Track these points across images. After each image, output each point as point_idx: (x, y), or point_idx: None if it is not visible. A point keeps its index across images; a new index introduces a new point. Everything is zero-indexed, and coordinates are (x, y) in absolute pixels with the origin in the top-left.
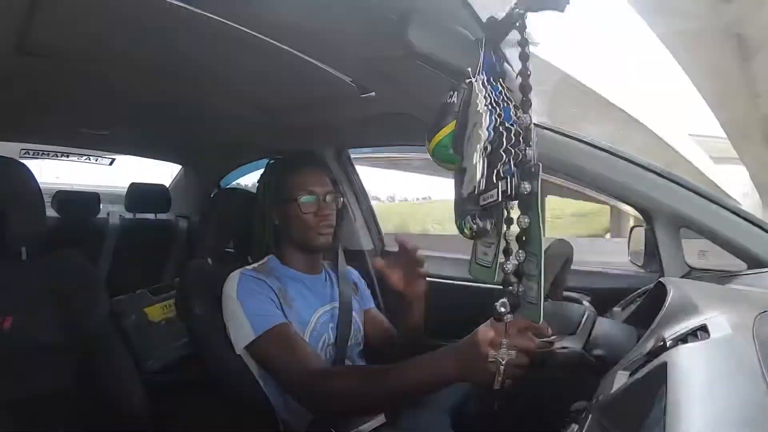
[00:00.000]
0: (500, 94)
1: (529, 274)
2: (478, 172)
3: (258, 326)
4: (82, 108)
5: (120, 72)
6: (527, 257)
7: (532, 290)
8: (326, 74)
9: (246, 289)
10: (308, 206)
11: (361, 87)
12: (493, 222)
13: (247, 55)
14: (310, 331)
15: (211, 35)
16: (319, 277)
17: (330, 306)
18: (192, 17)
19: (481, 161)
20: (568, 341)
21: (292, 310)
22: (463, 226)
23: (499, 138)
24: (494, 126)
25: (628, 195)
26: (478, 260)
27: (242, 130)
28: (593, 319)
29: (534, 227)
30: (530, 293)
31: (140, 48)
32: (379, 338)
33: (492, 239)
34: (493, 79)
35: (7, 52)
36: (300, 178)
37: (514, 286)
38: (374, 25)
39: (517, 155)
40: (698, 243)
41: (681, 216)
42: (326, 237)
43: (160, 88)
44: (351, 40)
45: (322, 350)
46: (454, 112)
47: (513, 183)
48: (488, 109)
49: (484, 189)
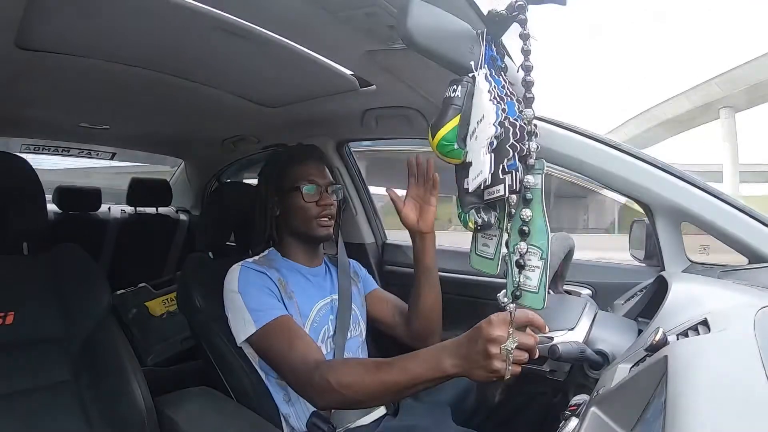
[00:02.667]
0: (503, 88)
1: (530, 265)
2: (487, 168)
3: (259, 319)
4: (82, 103)
5: (120, 66)
6: (528, 249)
7: (532, 280)
8: (327, 67)
9: (247, 282)
10: (310, 195)
11: (361, 80)
12: (497, 215)
13: (248, 48)
14: (311, 323)
15: (211, 29)
16: (320, 269)
17: (330, 298)
18: (192, 11)
19: (489, 156)
20: (569, 335)
21: (292, 302)
22: (467, 219)
23: (504, 133)
24: (500, 121)
25: (629, 189)
26: (478, 252)
27: (242, 124)
28: (594, 312)
29: (539, 219)
30: (530, 283)
31: (140, 42)
32: (388, 316)
33: (494, 231)
34: (495, 73)
35: (7, 48)
36: (302, 168)
37: (516, 277)
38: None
39: (522, 150)
40: (699, 237)
41: (682, 210)
42: (326, 229)
43: (160, 81)
44: (351, 32)
45: (322, 342)
46: (456, 107)
47: (518, 177)
48: (494, 103)
49: (490, 184)
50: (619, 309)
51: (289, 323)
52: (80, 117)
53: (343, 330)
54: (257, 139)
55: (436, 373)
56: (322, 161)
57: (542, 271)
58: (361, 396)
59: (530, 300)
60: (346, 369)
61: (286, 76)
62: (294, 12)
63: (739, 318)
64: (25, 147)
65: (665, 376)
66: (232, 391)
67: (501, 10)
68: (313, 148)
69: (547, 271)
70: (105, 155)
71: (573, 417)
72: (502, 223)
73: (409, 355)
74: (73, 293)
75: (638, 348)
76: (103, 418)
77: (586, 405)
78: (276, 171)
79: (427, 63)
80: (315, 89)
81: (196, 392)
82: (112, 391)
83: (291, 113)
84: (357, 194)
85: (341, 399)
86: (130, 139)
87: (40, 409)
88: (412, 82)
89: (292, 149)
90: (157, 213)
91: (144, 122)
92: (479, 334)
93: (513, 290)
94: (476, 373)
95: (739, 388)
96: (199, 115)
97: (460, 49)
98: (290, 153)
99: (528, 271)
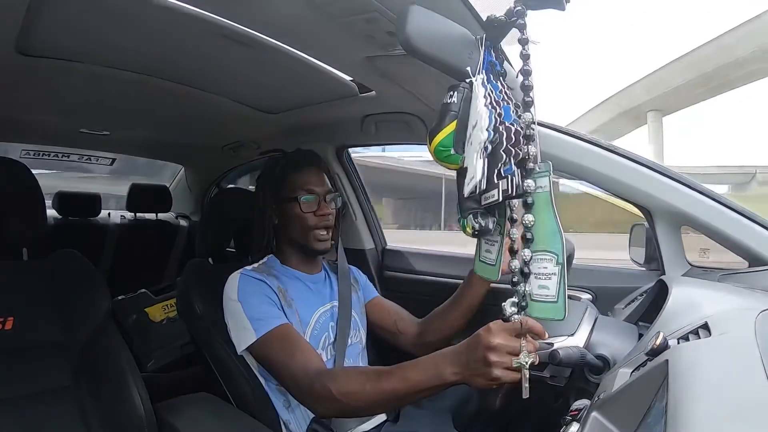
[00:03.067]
0: (500, 93)
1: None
2: (478, 172)
3: (259, 328)
4: (82, 109)
5: (120, 72)
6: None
7: (549, 289)
8: (326, 73)
9: (246, 290)
10: (308, 205)
11: (361, 86)
12: (496, 220)
13: (248, 54)
14: (311, 331)
15: (211, 35)
16: (319, 276)
17: (330, 305)
18: (192, 17)
19: (481, 161)
20: (568, 341)
21: (292, 310)
22: (465, 225)
23: (499, 137)
24: (494, 126)
25: (628, 193)
26: (482, 258)
27: (242, 130)
28: (594, 317)
29: (550, 224)
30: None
31: (140, 48)
32: (390, 325)
33: (495, 237)
34: (493, 78)
35: (8, 53)
36: (300, 176)
37: (520, 286)
38: (374, 23)
39: (518, 154)
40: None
41: (682, 214)
42: (324, 243)
43: (160, 88)
44: (350, 38)
45: (322, 349)
46: (453, 113)
47: (514, 182)
48: (488, 108)
49: (485, 189)
50: (620, 313)
51: (289, 332)
52: (80, 123)
53: (344, 337)
54: (257, 145)
55: (436, 381)
56: (320, 168)
57: (559, 277)
58: (361, 404)
59: (549, 311)
60: (347, 378)
61: (286, 82)
62: (293, 18)
63: (739, 321)
64: (24, 153)
65: (666, 381)
66: (231, 397)
67: (500, 16)
68: (312, 154)
69: (565, 277)
70: (105, 161)
71: (574, 422)
72: (503, 229)
73: (409, 363)
74: (72, 299)
75: (639, 352)
76: (102, 424)
77: (587, 410)
78: (273, 179)
79: (427, 69)
80: (315, 95)
81: (196, 398)
82: (111, 397)
83: (291, 119)
84: (357, 200)
85: (342, 408)
86: (130, 145)
87: (39, 414)
88: (411, 88)
89: (289, 156)
90: (156, 219)
91: (144, 128)
92: (478, 341)
93: (519, 300)
94: (476, 381)
95: (739, 391)
96: (200, 122)
97: (459, 55)
98: (288, 160)
99: (544, 280)
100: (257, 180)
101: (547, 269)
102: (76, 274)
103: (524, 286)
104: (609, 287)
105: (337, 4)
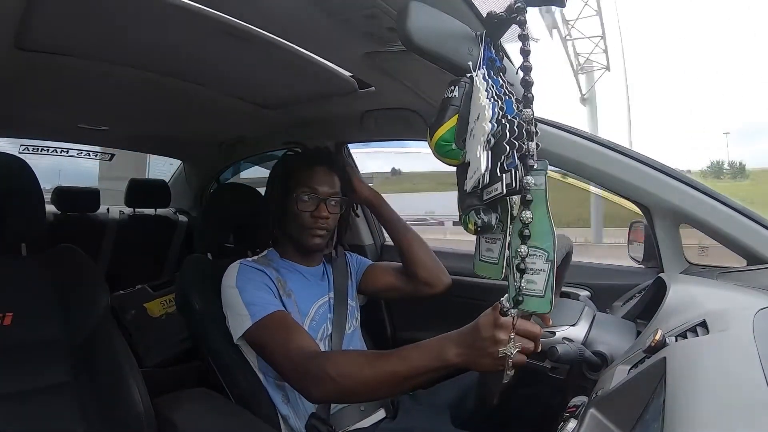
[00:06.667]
0: (501, 87)
1: (534, 269)
2: (483, 165)
3: (255, 313)
4: (81, 104)
5: (119, 68)
6: (529, 252)
7: (537, 284)
8: (326, 69)
9: (244, 278)
10: (306, 204)
11: (360, 82)
12: (498, 216)
13: (247, 50)
14: (310, 321)
15: (210, 30)
16: (318, 268)
17: (328, 296)
18: (191, 13)
19: (485, 153)
20: (571, 330)
21: (291, 301)
22: (467, 221)
23: (502, 130)
24: (497, 118)
25: (627, 191)
26: (482, 257)
27: (242, 126)
28: (593, 314)
29: (543, 222)
30: (535, 287)
31: (139, 43)
32: (395, 280)
33: (497, 235)
34: (493, 73)
35: (7, 48)
36: (306, 174)
37: (516, 281)
38: (374, 19)
39: (521, 147)
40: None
41: (680, 212)
42: (318, 239)
43: (159, 83)
44: (350, 34)
45: (321, 341)
46: (455, 107)
47: (517, 176)
48: (491, 101)
49: (488, 182)
50: (618, 310)
51: (286, 318)
52: (79, 118)
53: (341, 326)
54: (256, 140)
55: (437, 362)
56: (331, 168)
57: (548, 273)
58: (359, 387)
59: (536, 304)
60: (345, 358)
61: (285, 77)
62: (293, 14)
63: (737, 319)
64: (23, 148)
65: (664, 378)
66: (230, 392)
67: (500, 12)
68: (326, 153)
69: (554, 273)
70: (104, 156)
71: (572, 418)
72: (505, 226)
73: (411, 345)
74: (71, 294)
75: (637, 349)
76: (101, 419)
77: (585, 406)
78: (282, 171)
79: (426, 65)
80: (314, 91)
81: (195, 393)
82: (110, 393)
83: (290, 115)
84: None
85: (338, 389)
86: (129, 140)
87: (38, 410)
88: (411, 84)
89: (304, 151)
90: (155, 214)
91: (143, 123)
92: (487, 320)
93: (515, 295)
94: (482, 362)
95: (737, 389)
96: (198, 117)
97: (459, 51)
98: (300, 155)
99: (532, 275)
100: (272, 168)
101: (536, 265)
102: (75, 269)
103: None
104: (607, 284)
105: (336, 0)
